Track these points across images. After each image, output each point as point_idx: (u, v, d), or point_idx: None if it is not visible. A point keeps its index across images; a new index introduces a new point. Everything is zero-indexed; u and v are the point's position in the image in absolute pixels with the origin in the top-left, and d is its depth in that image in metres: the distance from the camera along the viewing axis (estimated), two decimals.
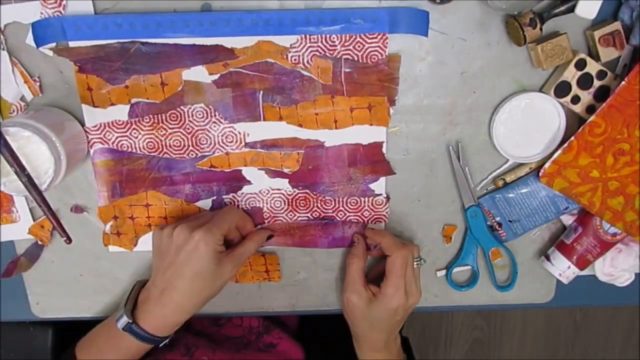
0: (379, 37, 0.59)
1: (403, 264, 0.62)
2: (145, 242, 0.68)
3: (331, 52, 0.60)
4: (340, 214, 0.67)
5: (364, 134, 0.63)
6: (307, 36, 0.59)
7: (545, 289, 0.72)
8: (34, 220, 0.67)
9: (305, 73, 0.61)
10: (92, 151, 0.64)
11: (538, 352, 1.71)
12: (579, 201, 0.64)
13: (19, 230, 0.67)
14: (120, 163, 0.64)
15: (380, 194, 0.66)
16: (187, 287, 0.59)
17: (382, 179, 0.65)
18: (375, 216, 0.67)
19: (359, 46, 0.60)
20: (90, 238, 0.68)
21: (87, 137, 0.63)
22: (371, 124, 0.63)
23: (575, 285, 0.69)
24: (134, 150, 0.64)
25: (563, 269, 0.67)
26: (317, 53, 0.60)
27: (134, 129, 0.63)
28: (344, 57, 0.60)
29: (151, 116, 0.62)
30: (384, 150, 0.64)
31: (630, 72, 0.58)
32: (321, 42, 0.59)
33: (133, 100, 0.62)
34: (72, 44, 0.59)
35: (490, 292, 0.72)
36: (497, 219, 0.67)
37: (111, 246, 0.68)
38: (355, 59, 0.60)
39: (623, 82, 0.58)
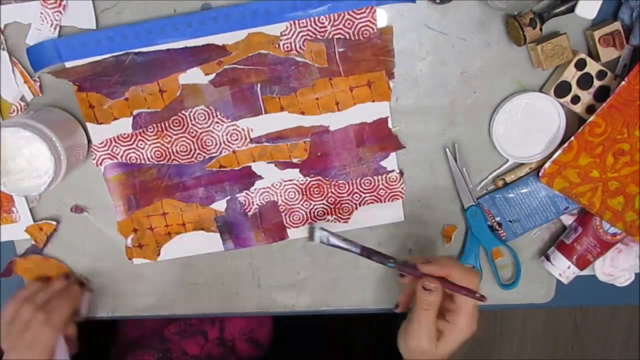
0: (367, 11, 0.58)
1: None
2: (168, 251, 0.68)
3: (322, 34, 0.59)
4: (356, 197, 0.66)
5: (367, 111, 0.63)
6: (296, 22, 0.59)
7: (545, 289, 0.72)
8: (34, 220, 0.67)
9: (299, 59, 0.60)
10: (102, 168, 0.64)
11: (538, 352, 1.71)
12: (579, 201, 0.64)
13: (19, 230, 0.67)
14: (132, 176, 0.64)
15: (393, 170, 0.65)
16: None
17: (393, 155, 0.65)
18: (391, 194, 0.66)
19: (348, 23, 0.59)
20: (90, 239, 0.68)
21: (97, 154, 0.63)
22: (373, 101, 0.62)
23: (575, 285, 0.69)
24: (142, 161, 0.64)
25: (563, 269, 0.67)
26: (308, 37, 0.60)
27: (139, 140, 0.63)
28: (336, 36, 0.60)
29: (154, 125, 0.62)
30: (389, 125, 0.63)
31: (630, 72, 0.58)
32: (310, 25, 0.59)
33: (135, 112, 0.62)
34: (68, 64, 0.60)
35: (490, 292, 0.72)
36: (497, 219, 0.67)
37: (135, 259, 0.68)
38: (347, 37, 0.60)
39: (623, 82, 0.58)
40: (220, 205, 0.66)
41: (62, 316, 0.64)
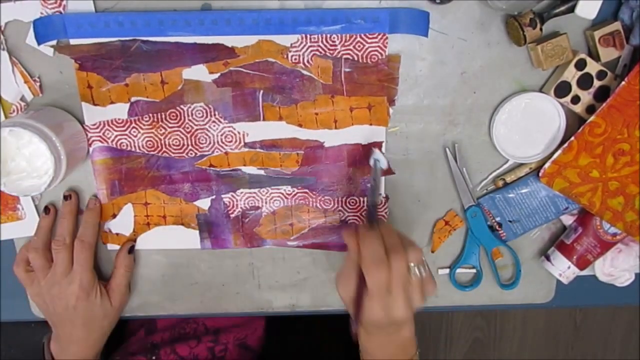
0: (379, 37, 0.59)
1: (396, 276, 0.53)
2: (144, 241, 0.68)
3: (331, 51, 0.60)
4: (340, 214, 0.67)
5: (363, 133, 0.63)
6: (308, 36, 0.59)
7: (545, 289, 0.72)
8: (39, 217, 0.67)
9: (305, 72, 0.61)
10: (91, 149, 0.64)
11: (538, 352, 1.71)
12: (579, 201, 0.64)
13: (24, 227, 0.67)
14: (120, 161, 0.64)
15: (380, 194, 0.66)
16: (83, 337, 0.66)
17: (381, 179, 0.65)
18: None
19: (359, 46, 0.60)
20: None
21: (87, 135, 0.63)
22: (371, 124, 0.63)
23: (575, 285, 0.69)
24: (133, 149, 0.64)
25: (563, 269, 0.67)
26: (318, 53, 0.60)
27: (133, 127, 0.63)
28: (344, 56, 0.60)
29: (151, 115, 0.62)
30: (383, 150, 0.64)
31: (630, 72, 0.58)
32: (321, 41, 0.60)
33: (133, 99, 0.62)
34: (73, 41, 0.59)
35: (490, 292, 0.72)
36: (497, 219, 0.67)
37: (110, 244, 0.68)
38: (356, 58, 0.60)
39: (623, 82, 0.58)
40: (204, 203, 0.66)
41: (95, 232, 0.65)
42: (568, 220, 0.68)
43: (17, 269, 0.65)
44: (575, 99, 0.61)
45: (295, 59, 0.60)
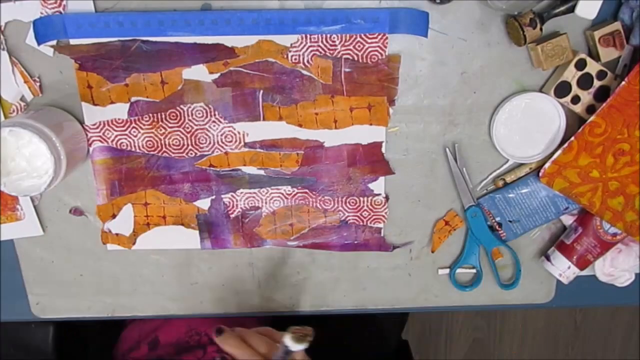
0: (379, 37, 0.59)
1: None
2: (144, 241, 0.68)
3: (331, 51, 0.60)
4: (340, 214, 0.67)
5: (363, 133, 0.63)
6: (308, 36, 0.59)
7: (546, 289, 0.72)
8: (38, 217, 0.67)
9: (305, 72, 0.61)
10: (91, 149, 0.64)
11: (538, 352, 1.71)
12: (579, 201, 0.64)
13: (23, 228, 0.67)
14: (120, 162, 0.64)
15: (380, 194, 0.66)
16: None
17: (381, 179, 0.65)
18: (374, 216, 0.67)
19: (359, 46, 0.60)
20: (90, 238, 0.68)
21: (87, 135, 0.63)
22: (371, 124, 0.63)
23: (575, 285, 0.69)
24: (133, 149, 0.64)
25: (563, 269, 0.67)
26: (318, 53, 0.60)
27: (133, 127, 0.63)
28: (344, 56, 0.60)
29: (151, 115, 0.62)
30: (383, 150, 0.64)
31: (630, 72, 0.58)
32: (321, 41, 0.60)
33: (133, 99, 0.62)
34: (73, 41, 0.59)
35: (490, 292, 0.72)
36: (497, 219, 0.67)
37: (109, 244, 0.68)
38: (356, 58, 0.60)
39: (623, 82, 0.58)
40: (203, 204, 0.66)
41: None
42: (568, 220, 0.68)
43: None
44: (575, 99, 0.61)
45: (295, 59, 0.60)
